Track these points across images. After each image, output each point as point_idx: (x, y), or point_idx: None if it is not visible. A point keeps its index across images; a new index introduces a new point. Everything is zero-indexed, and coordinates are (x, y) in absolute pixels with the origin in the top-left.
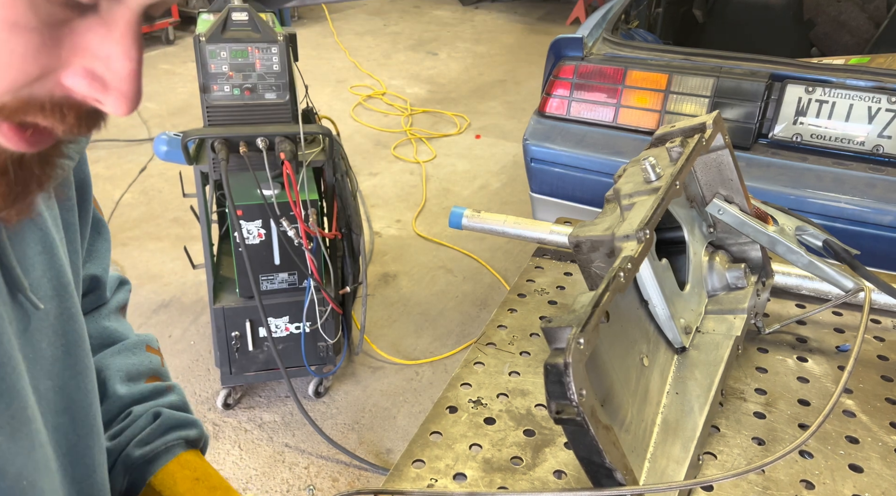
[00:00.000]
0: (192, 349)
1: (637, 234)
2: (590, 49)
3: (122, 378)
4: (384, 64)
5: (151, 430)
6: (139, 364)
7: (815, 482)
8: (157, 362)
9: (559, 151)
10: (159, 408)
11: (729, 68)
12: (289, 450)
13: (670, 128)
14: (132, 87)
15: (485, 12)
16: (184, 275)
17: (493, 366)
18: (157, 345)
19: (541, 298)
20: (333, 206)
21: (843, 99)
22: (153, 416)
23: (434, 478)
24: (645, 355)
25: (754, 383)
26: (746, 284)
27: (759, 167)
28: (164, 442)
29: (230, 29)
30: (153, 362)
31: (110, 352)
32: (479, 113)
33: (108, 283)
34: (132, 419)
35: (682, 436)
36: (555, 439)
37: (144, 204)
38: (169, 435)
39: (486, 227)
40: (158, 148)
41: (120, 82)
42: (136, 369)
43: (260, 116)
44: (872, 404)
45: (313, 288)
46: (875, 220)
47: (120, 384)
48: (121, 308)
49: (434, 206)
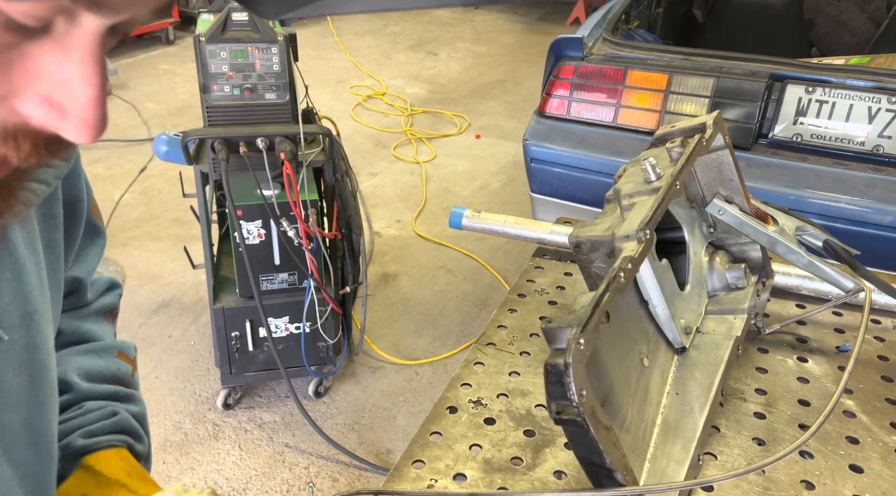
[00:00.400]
0: (192, 349)
1: (637, 234)
2: (590, 49)
3: (81, 375)
4: (384, 64)
5: (102, 425)
6: (104, 367)
7: (815, 482)
8: (125, 370)
9: (559, 151)
10: (118, 408)
11: (729, 68)
12: (289, 450)
13: (670, 128)
14: (94, 113)
15: (485, 12)
16: (184, 276)
17: (494, 367)
18: (133, 354)
19: (541, 298)
20: (333, 206)
21: (844, 99)
22: (110, 413)
23: (434, 479)
24: (645, 355)
25: (754, 383)
26: (746, 284)
27: (760, 167)
28: (109, 439)
29: (230, 29)
30: (121, 369)
31: (77, 350)
32: (479, 113)
33: (94, 286)
34: (84, 411)
35: (682, 436)
36: (555, 439)
37: (144, 204)
38: (118, 435)
39: (486, 228)
40: (158, 148)
41: (80, 109)
42: (100, 371)
43: (260, 116)
44: (873, 404)
45: (313, 288)
46: (875, 220)
47: (79, 379)
48: (107, 312)
49: (434, 206)
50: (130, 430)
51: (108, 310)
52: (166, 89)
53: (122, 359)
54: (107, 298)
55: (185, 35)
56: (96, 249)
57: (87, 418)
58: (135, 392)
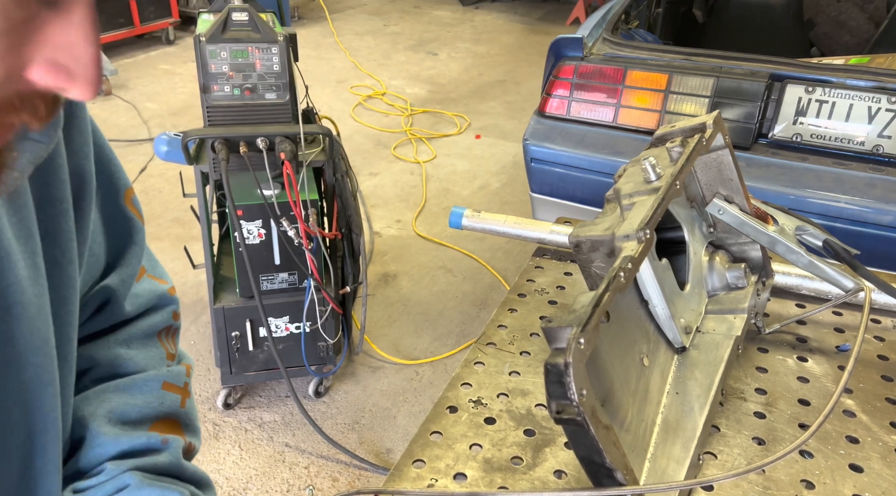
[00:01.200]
0: (192, 349)
1: (637, 233)
2: (590, 49)
3: (111, 420)
4: (384, 64)
5: None
6: (144, 405)
7: (815, 482)
8: (172, 403)
9: (559, 151)
10: (133, 475)
11: (729, 68)
12: (289, 449)
13: (670, 128)
14: (96, 71)
15: (485, 12)
16: (184, 275)
17: (494, 366)
18: (182, 380)
19: (541, 298)
20: (333, 206)
21: (843, 99)
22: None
23: (434, 478)
24: (645, 355)
25: (754, 383)
26: (746, 284)
27: (759, 167)
28: None
29: (230, 29)
30: (166, 403)
31: (112, 386)
32: (479, 113)
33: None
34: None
35: (682, 435)
36: (555, 439)
37: (145, 204)
38: None
39: (486, 227)
40: (159, 148)
41: (84, 68)
42: (139, 412)
43: (260, 116)
44: (873, 404)
45: (313, 288)
46: (875, 219)
47: (107, 426)
48: (157, 333)
49: (434, 206)
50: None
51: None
52: (166, 89)
53: (169, 390)
54: (157, 316)
55: (185, 35)
56: (134, 250)
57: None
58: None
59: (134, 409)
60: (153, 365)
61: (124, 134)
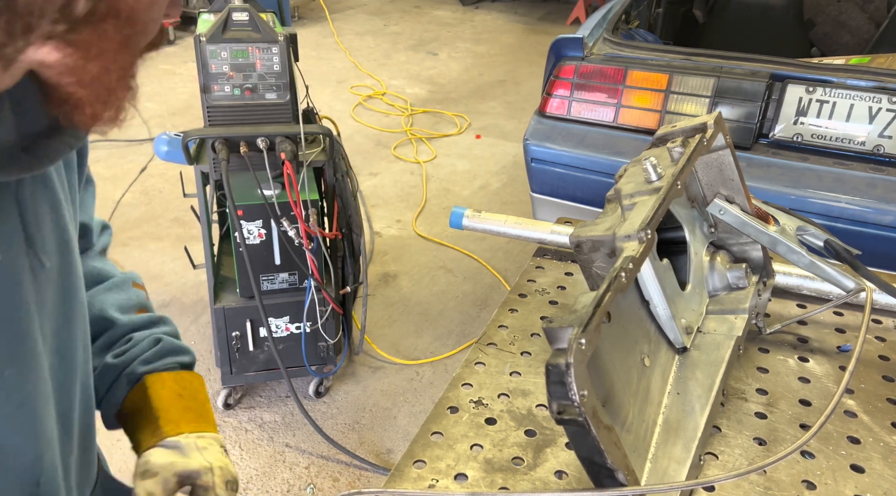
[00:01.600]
0: (192, 349)
1: (638, 234)
2: (590, 49)
3: (117, 310)
4: (384, 64)
5: (154, 352)
6: (128, 299)
7: (816, 482)
8: (143, 296)
9: (560, 151)
10: (159, 335)
11: (729, 68)
12: (289, 450)
13: (671, 128)
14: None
15: (485, 12)
16: (184, 276)
17: (494, 367)
18: (141, 281)
19: (542, 298)
20: (334, 206)
21: (844, 99)
22: (154, 341)
23: (435, 479)
24: (646, 355)
25: (755, 383)
26: (747, 284)
27: (760, 167)
28: (164, 364)
29: (231, 29)
30: (139, 296)
31: (102, 288)
32: (479, 113)
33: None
34: (135, 342)
35: (683, 436)
36: (556, 439)
37: (145, 204)
38: (168, 358)
39: (486, 228)
40: (159, 148)
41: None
42: (127, 302)
43: (260, 116)
44: (874, 404)
45: (314, 288)
46: (876, 220)
47: (117, 314)
48: (103, 250)
49: (434, 206)
50: (176, 350)
51: (105, 248)
52: (166, 89)
53: (138, 288)
54: (104, 238)
55: (186, 35)
56: (91, 195)
57: (139, 348)
58: (161, 315)
59: (126, 302)
60: (115, 271)
61: (124, 134)
